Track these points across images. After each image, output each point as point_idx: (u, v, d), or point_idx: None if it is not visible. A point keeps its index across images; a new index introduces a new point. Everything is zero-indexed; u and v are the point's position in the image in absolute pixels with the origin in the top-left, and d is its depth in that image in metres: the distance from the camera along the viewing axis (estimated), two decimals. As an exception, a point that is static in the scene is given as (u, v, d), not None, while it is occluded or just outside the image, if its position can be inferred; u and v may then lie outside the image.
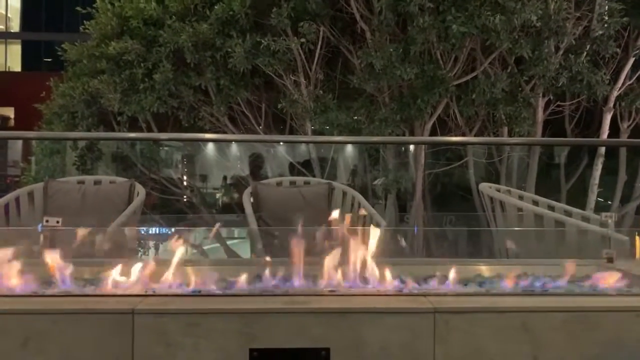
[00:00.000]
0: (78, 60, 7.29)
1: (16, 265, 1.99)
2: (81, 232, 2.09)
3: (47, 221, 2.38)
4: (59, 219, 2.34)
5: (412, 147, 6.86)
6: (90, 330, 1.76)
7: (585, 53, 6.02)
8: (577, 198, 6.56)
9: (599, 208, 6.43)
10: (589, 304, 1.89)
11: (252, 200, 3.66)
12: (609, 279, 2.06)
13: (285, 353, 1.75)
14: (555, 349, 1.80)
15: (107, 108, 6.91)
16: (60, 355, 1.74)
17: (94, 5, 7.24)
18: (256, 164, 8.44)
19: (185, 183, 8.63)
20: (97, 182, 3.93)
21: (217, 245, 7.77)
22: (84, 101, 7.06)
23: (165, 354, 1.75)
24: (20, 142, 10.99)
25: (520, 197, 3.81)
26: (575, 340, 1.81)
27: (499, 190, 3.74)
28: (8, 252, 2.00)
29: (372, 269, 2.05)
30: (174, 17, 6.53)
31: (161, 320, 1.77)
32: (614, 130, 6.62)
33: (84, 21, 7.29)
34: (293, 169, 7.70)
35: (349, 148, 8.53)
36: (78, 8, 7.41)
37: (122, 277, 2.00)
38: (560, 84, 6.00)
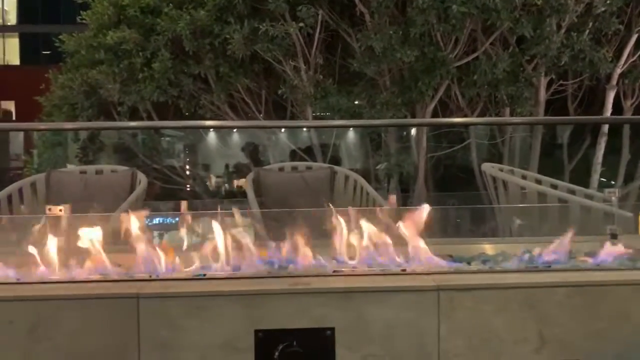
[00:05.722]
0: (76, 51, 7.27)
1: (21, 253, 2.00)
2: (85, 219, 2.10)
3: (49, 209, 2.40)
4: (62, 207, 2.35)
5: (414, 130, 6.84)
6: (95, 315, 1.77)
7: (587, 31, 5.96)
8: (581, 177, 6.53)
9: (603, 187, 6.41)
10: (592, 278, 1.89)
11: (254, 185, 3.66)
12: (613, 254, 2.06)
13: (290, 333, 1.76)
14: (559, 324, 1.81)
15: (107, 98, 6.90)
16: (67, 341, 1.75)
17: (90, -5, 7.20)
18: (258, 151, 8.43)
19: (187, 172, 8.64)
20: (98, 172, 3.93)
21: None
22: (84, 92, 7.05)
23: (171, 337, 1.76)
24: (21, 135, 11.00)
25: (523, 177, 3.80)
26: (580, 315, 1.81)
27: (501, 170, 3.73)
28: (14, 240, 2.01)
29: (375, 249, 2.05)
30: (171, 4, 6.49)
31: (166, 304, 1.78)
32: (617, 109, 6.58)
33: (81, 11, 7.25)
34: (295, 156, 7.69)
35: (351, 133, 8.50)
36: (74, -2, 7.37)
37: (127, 263, 2.01)
38: (562, 62, 5.95)
